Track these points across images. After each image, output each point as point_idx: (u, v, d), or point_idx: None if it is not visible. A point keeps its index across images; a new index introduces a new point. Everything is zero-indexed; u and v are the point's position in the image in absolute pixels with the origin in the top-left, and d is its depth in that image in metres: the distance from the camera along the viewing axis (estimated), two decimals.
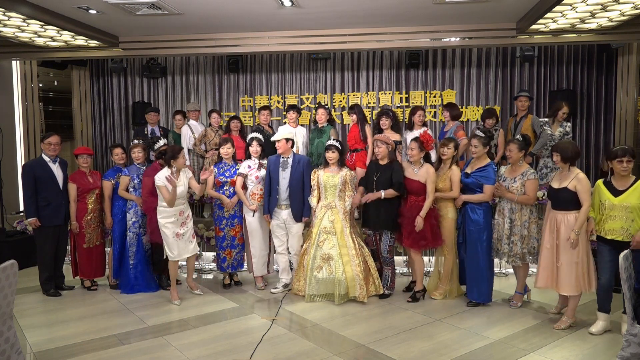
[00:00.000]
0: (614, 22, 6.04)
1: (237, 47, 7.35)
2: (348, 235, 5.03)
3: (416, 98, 8.88)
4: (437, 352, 3.88)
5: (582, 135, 8.61)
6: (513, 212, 4.73)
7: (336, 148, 5.13)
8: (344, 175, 5.14)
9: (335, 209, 5.10)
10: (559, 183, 4.37)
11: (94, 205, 5.49)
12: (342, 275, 4.92)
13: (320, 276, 4.98)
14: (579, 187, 4.23)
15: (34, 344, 4.14)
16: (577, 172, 4.32)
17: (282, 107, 9.07)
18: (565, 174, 4.36)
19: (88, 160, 5.45)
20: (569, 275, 4.26)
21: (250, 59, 9.21)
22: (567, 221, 4.29)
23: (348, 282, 4.92)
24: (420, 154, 5.02)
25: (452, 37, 6.99)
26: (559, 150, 4.36)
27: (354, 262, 4.95)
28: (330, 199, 5.14)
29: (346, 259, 4.95)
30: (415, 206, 4.93)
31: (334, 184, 5.10)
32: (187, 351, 3.97)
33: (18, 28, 6.13)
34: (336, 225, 5.06)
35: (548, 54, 8.59)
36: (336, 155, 5.12)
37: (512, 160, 4.75)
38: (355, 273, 4.92)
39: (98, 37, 6.82)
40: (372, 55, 8.96)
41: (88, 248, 5.47)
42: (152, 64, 9.20)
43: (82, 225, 5.43)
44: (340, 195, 5.13)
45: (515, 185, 4.70)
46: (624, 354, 3.17)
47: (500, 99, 8.77)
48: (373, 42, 7.11)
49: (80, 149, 5.56)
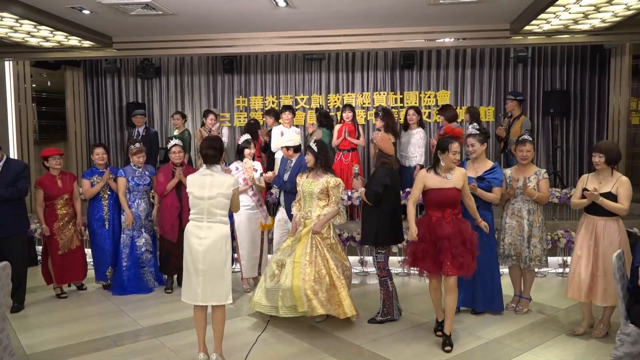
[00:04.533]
0: (607, 23, 6.07)
1: (232, 47, 7.35)
2: (308, 245, 4.36)
3: (411, 98, 8.90)
4: (432, 352, 3.89)
5: (575, 136, 8.66)
6: (531, 213, 4.51)
7: (310, 150, 4.52)
8: (325, 183, 4.43)
9: (309, 220, 4.47)
10: (598, 187, 4.01)
11: (65, 210, 5.23)
12: (288, 283, 4.23)
13: (268, 285, 4.40)
14: (620, 189, 3.94)
15: (27, 346, 4.11)
16: (619, 175, 4.05)
17: (276, 107, 9.06)
18: (604, 177, 4.05)
19: (60, 161, 5.22)
20: (607, 285, 3.87)
21: (245, 59, 9.20)
22: (609, 228, 3.97)
23: (294, 293, 4.20)
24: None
25: (447, 38, 7.01)
26: (603, 151, 4.00)
27: (304, 271, 4.24)
28: (307, 209, 4.51)
29: (297, 270, 4.26)
30: (455, 221, 3.91)
31: (310, 192, 4.46)
32: (182, 352, 3.95)
33: (11, 28, 6.09)
34: (302, 232, 4.46)
35: (542, 55, 8.64)
36: (310, 159, 4.51)
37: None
38: (300, 284, 4.17)
39: (92, 38, 6.79)
40: (366, 55, 8.98)
41: (63, 254, 5.22)
42: (146, 64, 9.18)
43: (53, 232, 5.17)
44: (319, 205, 4.46)
45: (530, 185, 4.48)
46: (617, 353, 3.18)
47: (494, 99, 8.81)
48: (367, 43, 7.12)
49: (51, 149, 5.25)
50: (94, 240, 5.44)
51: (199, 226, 3.60)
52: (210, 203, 3.58)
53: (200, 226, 3.59)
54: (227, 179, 3.65)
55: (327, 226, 4.46)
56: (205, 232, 3.58)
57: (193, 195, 3.62)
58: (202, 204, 3.59)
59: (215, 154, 3.65)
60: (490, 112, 8.79)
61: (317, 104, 9.09)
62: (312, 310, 4.19)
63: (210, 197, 3.58)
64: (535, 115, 8.74)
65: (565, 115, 8.53)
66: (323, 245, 4.39)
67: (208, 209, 3.59)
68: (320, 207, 4.45)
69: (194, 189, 3.61)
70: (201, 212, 3.60)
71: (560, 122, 8.65)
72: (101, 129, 9.70)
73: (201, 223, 3.60)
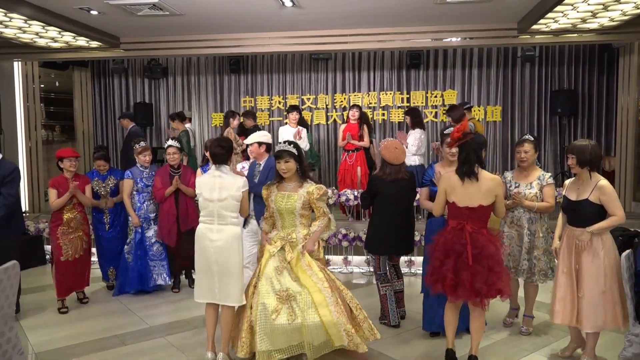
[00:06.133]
0: (615, 21, 6.03)
1: (238, 47, 7.36)
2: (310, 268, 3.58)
3: (417, 98, 8.88)
4: (439, 351, 3.87)
5: (583, 135, 8.59)
6: (532, 222, 4.00)
7: (289, 154, 3.60)
8: (307, 195, 3.59)
9: (294, 242, 3.64)
10: (576, 194, 3.53)
11: (71, 214, 4.84)
12: (314, 318, 3.37)
13: (278, 322, 3.37)
14: (603, 198, 3.41)
15: (35, 344, 4.14)
16: (599, 179, 3.48)
17: (283, 107, 9.07)
18: (583, 182, 3.53)
19: (75, 164, 4.89)
20: (595, 307, 3.40)
21: (252, 59, 9.22)
22: (590, 243, 3.44)
23: (327, 329, 3.38)
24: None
25: (453, 37, 6.99)
26: (575, 151, 3.51)
27: (329, 298, 3.43)
28: (288, 230, 3.65)
29: (319, 297, 3.42)
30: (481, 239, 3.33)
31: (289, 209, 3.60)
32: (188, 351, 3.97)
33: (19, 29, 6.14)
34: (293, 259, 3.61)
35: (549, 54, 8.59)
36: (290, 166, 3.60)
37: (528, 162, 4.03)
38: (335, 316, 3.39)
39: (99, 38, 6.83)
40: (373, 55, 8.97)
41: (67, 261, 4.82)
42: (153, 64, 9.22)
43: (57, 237, 4.80)
44: (302, 223, 3.66)
45: (532, 191, 3.98)
46: (626, 354, 3.16)
47: (501, 99, 8.77)
48: (374, 43, 7.11)
49: (67, 150, 4.94)
50: (97, 241, 5.38)
51: (210, 228, 3.60)
52: (220, 205, 3.57)
53: (211, 228, 3.59)
54: (237, 181, 3.62)
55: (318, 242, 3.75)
56: (217, 235, 3.57)
57: (203, 197, 3.62)
58: (211, 206, 3.58)
59: (222, 153, 3.63)
60: (497, 111, 8.75)
61: (324, 104, 9.10)
62: (354, 345, 3.46)
63: (220, 200, 3.56)
64: (543, 114, 8.70)
65: (573, 114, 8.48)
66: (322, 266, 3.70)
67: (218, 211, 3.58)
68: (304, 225, 3.67)
69: (203, 191, 3.61)
70: (211, 215, 3.60)
71: (568, 121, 8.59)
72: (109, 129, 9.76)
73: (212, 225, 3.60)
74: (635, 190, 7.47)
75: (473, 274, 3.25)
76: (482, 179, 3.37)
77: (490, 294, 3.31)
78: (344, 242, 6.17)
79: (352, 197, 6.26)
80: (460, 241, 3.31)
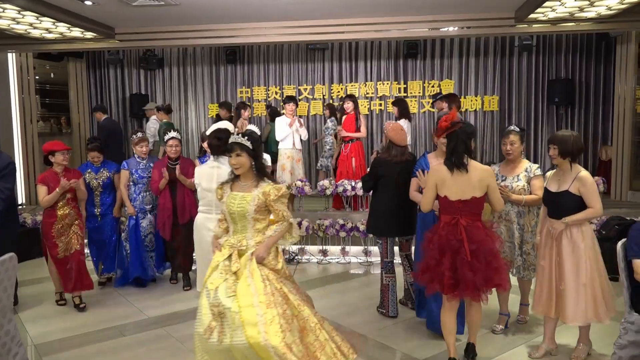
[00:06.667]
0: (612, 10, 6.01)
1: (234, 37, 7.31)
2: (254, 279, 2.95)
3: (414, 88, 8.87)
4: (437, 341, 3.90)
5: (580, 125, 8.62)
6: (521, 216, 3.88)
7: (241, 147, 3.08)
8: (262, 196, 3.06)
9: (244, 251, 3.07)
10: (557, 185, 3.48)
11: (66, 210, 4.62)
12: (241, 339, 2.81)
13: (210, 341, 2.91)
14: (582, 189, 3.36)
15: (34, 336, 4.15)
16: (579, 170, 3.43)
17: (279, 98, 9.05)
18: (564, 173, 3.46)
19: (67, 157, 4.66)
20: (576, 300, 3.35)
21: (248, 49, 9.18)
22: (570, 234, 3.41)
23: (258, 352, 2.80)
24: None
25: (451, 27, 6.96)
26: (556, 141, 3.45)
27: (261, 316, 2.81)
28: (239, 235, 3.12)
29: (248, 314, 2.83)
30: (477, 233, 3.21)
31: (241, 212, 3.06)
32: (188, 342, 3.97)
33: (13, 20, 6.08)
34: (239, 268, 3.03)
35: (546, 43, 8.58)
36: (242, 161, 3.08)
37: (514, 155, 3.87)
38: (261, 340, 2.76)
39: (94, 29, 6.77)
40: (370, 45, 8.93)
41: (64, 257, 4.63)
42: (149, 55, 9.17)
43: (52, 235, 4.58)
44: (256, 228, 3.10)
45: (519, 184, 3.83)
46: (621, 341, 3.18)
47: (498, 88, 8.77)
48: (371, 32, 7.08)
49: (57, 143, 4.66)
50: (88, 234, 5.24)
51: (208, 218, 3.66)
52: None
53: (210, 218, 3.65)
54: None
55: (275, 250, 3.16)
56: (215, 224, 3.58)
57: (202, 187, 3.67)
58: (210, 196, 3.64)
59: (220, 145, 3.66)
60: (495, 101, 8.74)
61: (321, 94, 9.07)
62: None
63: None
64: (540, 104, 8.70)
65: (570, 104, 8.49)
66: (274, 276, 3.05)
67: (216, 201, 3.59)
68: (258, 230, 3.10)
69: (202, 181, 3.67)
70: (210, 204, 3.66)
71: (565, 111, 8.60)
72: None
73: (210, 215, 3.66)
74: (632, 179, 7.50)
75: (472, 270, 3.14)
76: (472, 170, 3.25)
77: (488, 287, 3.25)
78: (341, 233, 6.18)
79: (350, 188, 6.26)
80: (456, 237, 3.18)
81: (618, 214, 6.09)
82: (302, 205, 6.75)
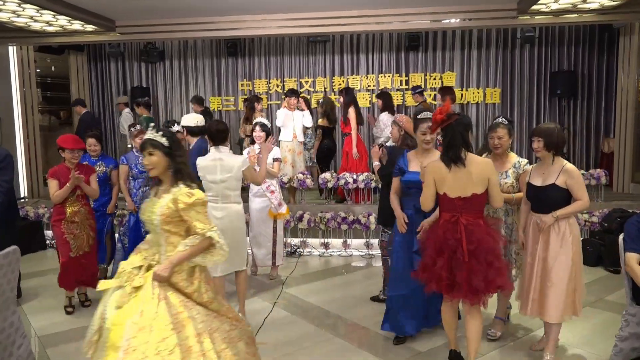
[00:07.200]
0: (615, 1, 5.96)
1: (236, 30, 7.27)
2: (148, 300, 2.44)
3: (416, 80, 8.84)
4: (438, 332, 3.91)
5: (582, 117, 8.59)
6: (509, 214, 3.70)
7: (153, 145, 2.61)
8: (170, 204, 2.55)
9: (155, 264, 2.59)
10: (542, 179, 3.36)
11: (75, 207, 4.42)
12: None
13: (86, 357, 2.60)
14: (570, 182, 3.27)
15: (38, 328, 4.18)
16: (564, 162, 3.33)
17: (281, 90, 9.03)
18: (548, 166, 3.35)
19: (77, 155, 4.44)
20: (558, 297, 3.26)
21: (249, 42, 9.15)
22: (558, 229, 3.30)
23: None
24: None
25: (452, 19, 6.91)
26: (542, 134, 3.33)
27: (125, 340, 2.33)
28: (155, 248, 2.66)
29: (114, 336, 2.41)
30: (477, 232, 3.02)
31: (149, 221, 2.63)
32: None
33: (13, 13, 6.06)
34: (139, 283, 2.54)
35: (549, 35, 8.53)
36: (154, 161, 2.61)
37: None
38: None
39: (94, 22, 6.75)
40: (371, 37, 8.90)
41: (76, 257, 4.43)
42: (150, 48, 9.15)
43: (62, 232, 4.38)
44: (170, 241, 2.59)
45: (507, 181, 3.61)
46: (622, 333, 3.19)
47: (500, 80, 8.73)
48: (372, 24, 7.04)
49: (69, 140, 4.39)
50: None
51: (215, 207, 3.82)
52: (223, 186, 3.84)
53: (216, 207, 3.83)
54: (236, 163, 3.86)
55: (190, 270, 2.59)
56: (221, 213, 3.83)
57: (206, 179, 3.83)
58: (215, 187, 3.84)
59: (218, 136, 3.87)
60: (497, 93, 8.72)
61: (322, 87, 9.05)
62: None
63: (223, 181, 3.83)
64: (542, 96, 8.67)
65: (572, 96, 8.46)
66: (178, 299, 2.50)
67: (222, 192, 3.85)
68: (174, 245, 2.57)
69: (206, 174, 3.83)
70: (216, 195, 3.84)
71: (567, 103, 8.57)
72: (106, 114, 9.72)
73: (217, 204, 3.84)
74: (634, 171, 7.48)
75: (470, 271, 2.95)
76: (471, 164, 3.03)
77: (489, 290, 3.01)
78: (343, 226, 6.20)
79: (351, 181, 6.26)
80: (454, 236, 3.00)
81: (620, 206, 6.09)
82: (303, 197, 6.76)
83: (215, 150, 3.86)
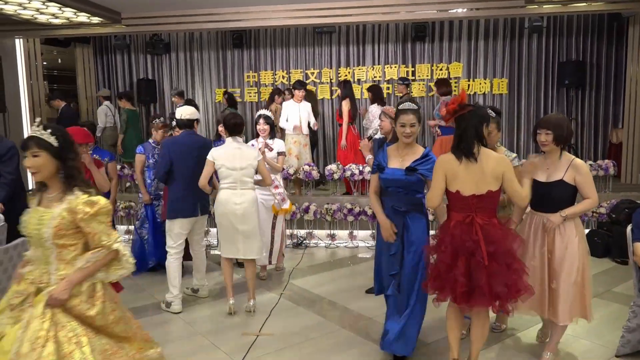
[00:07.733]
0: None
1: (241, 21, 7.26)
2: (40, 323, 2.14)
3: (422, 71, 8.79)
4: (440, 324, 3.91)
5: (590, 108, 8.52)
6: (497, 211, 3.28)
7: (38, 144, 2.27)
8: (67, 214, 2.24)
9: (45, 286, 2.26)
10: (546, 174, 3.13)
11: None
12: None
13: None
14: (579, 178, 3.05)
15: None
16: (570, 157, 3.12)
17: (287, 82, 9.00)
18: (554, 161, 3.13)
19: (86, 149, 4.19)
20: (567, 298, 3.09)
21: (255, 34, 9.12)
22: (564, 228, 3.10)
23: None
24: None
25: (459, 8, 6.85)
26: (552, 126, 3.07)
27: None
28: (42, 267, 2.30)
29: None
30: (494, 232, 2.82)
31: (37, 235, 2.26)
32: (197, 325, 4.03)
33: (20, 5, 6.08)
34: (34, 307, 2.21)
35: (557, 25, 8.44)
36: (39, 163, 2.26)
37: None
38: None
39: (100, 14, 6.75)
40: (377, 28, 8.84)
41: None
42: (156, 40, 9.15)
43: None
44: (64, 259, 2.27)
45: None
46: (630, 324, 3.19)
47: (508, 71, 8.66)
48: (378, 15, 6.99)
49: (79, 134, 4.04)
50: None
51: (234, 193, 4.08)
52: (242, 173, 4.10)
53: (235, 193, 4.09)
54: (252, 152, 4.21)
55: (91, 289, 2.28)
56: (240, 198, 4.09)
57: (225, 167, 4.04)
58: (234, 174, 4.08)
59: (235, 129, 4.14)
60: (504, 84, 8.65)
61: (328, 78, 9.02)
62: None
63: (242, 168, 4.09)
64: (550, 86, 8.59)
65: (580, 86, 8.38)
66: (77, 325, 2.21)
67: (241, 178, 4.10)
68: (66, 261, 2.27)
69: (225, 162, 4.04)
70: (235, 181, 4.08)
71: (576, 93, 8.49)
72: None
73: (236, 190, 4.10)
74: None
75: (491, 275, 2.73)
76: (485, 159, 2.81)
77: (512, 295, 2.78)
78: (349, 217, 6.20)
79: (357, 172, 6.25)
80: (471, 237, 2.77)
81: (628, 197, 6.05)
82: (309, 189, 6.76)
83: (233, 141, 4.13)
